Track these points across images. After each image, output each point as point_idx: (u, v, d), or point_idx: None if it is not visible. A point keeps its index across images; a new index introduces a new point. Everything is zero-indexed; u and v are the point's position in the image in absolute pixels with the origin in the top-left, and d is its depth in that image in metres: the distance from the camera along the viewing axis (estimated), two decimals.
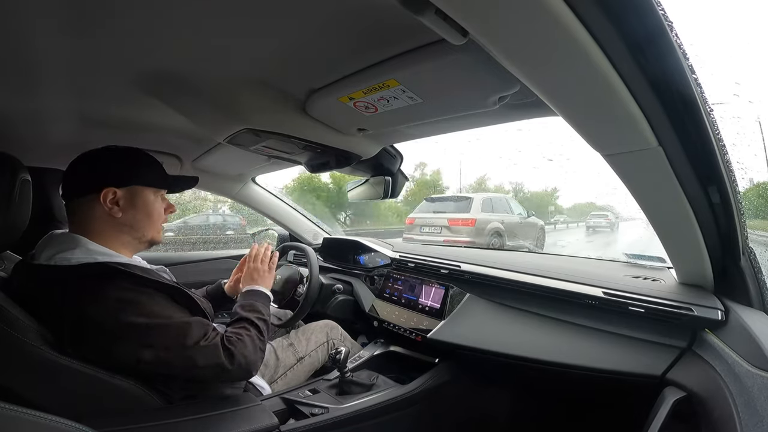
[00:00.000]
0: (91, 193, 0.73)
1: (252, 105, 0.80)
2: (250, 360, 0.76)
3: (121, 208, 0.75)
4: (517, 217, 6.63)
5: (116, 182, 0.74)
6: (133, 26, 0.55)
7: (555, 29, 0.37)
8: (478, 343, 1.02)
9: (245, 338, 0.78)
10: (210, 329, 0.74)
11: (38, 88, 0.77)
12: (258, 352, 0.79)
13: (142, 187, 0.78)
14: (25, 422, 0.47)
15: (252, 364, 0.77)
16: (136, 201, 0.77)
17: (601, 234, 10.86)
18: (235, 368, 0.74)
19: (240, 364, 0.74)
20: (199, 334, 0.71)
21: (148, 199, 0.79)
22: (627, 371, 0.80)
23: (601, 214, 11.87)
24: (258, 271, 1.00)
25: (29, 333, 0.62)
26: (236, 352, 0.74)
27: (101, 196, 0.73)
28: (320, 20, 0.53)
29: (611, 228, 11.34)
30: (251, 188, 1.71)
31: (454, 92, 0.66)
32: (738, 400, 0.57)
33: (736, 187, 0.61)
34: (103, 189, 0.73)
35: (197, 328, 0.72)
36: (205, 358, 0.71)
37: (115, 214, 0.74)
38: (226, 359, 0.72)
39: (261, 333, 0.83)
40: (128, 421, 0.66)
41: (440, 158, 37.44)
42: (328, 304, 1.43)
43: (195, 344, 0.70)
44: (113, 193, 0.74)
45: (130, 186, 0.76)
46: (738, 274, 0.72)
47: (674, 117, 0.49)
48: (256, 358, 0.78)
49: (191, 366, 0.70)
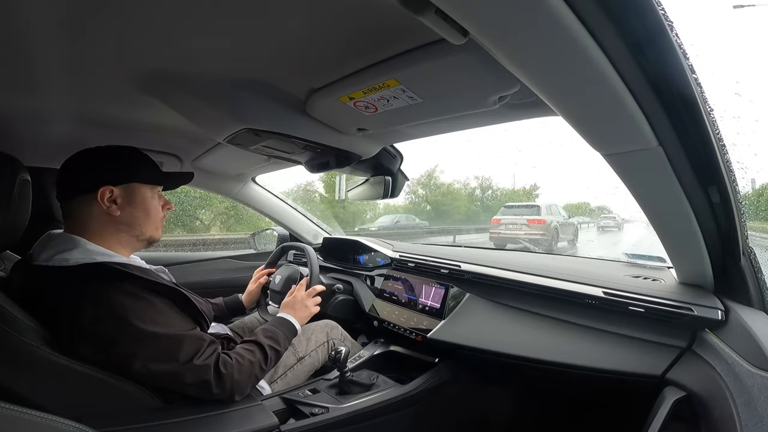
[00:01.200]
0: (88, 192, 0.73)
1: (252, 105, 0.80)
2: (239, 385, 0.75)
3: (119, 206, 0.75)
4: (562, 218, 9.12)
5: (113, 180, 0.74)
6: (133, 26, 0.55)
7: (555, 29, 0.37)
8: (478, 342, 1.02)
9: (245, 362, 0.77)
10: (205, 345, 0.73)
11: (38, 88, 0.77)
12: (252, 379, 0.78)
13: (138, 184, 0.78)
14: (25, 422, 0.47)
15: (239, 390, 0.75)
16: (133, 198, 0.77)
17: (611, 233, 13.11)
18: (219, 391, 0.73)
19: (225, 388, 0.73)
20: (192, 351, 0.70)
21: (146, 197, 0.79)
22: (627, 371, 0.80)
23: (610, 216, 14.20)
24: (303, 304, 1.03)
25: (29, 333, 0.62)
26: (226, 376, 0.73)
27: (98, 194, 0.73)
28: (320, 20, 0.53)
29: (618, 228, 13.54)
30: (251, 188, 1.71)
31: (454, 92, 0.66)
32: (738, 400, 0.57)
33: (736, 187, 0.61)
34: (100, 187, 0.73)
35: (191, 343, 0.71)
36: (193, 377, 0.70)
37: (113, 212, 0.74)
38: (214, 380, 0.71)
39: (266, 362, 0.82)
40: (128, 421, 0.66)
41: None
42: (328, 304, 1.43)
43: (186, 361, 0.69)
44: (110, 192, 0.74)
45: (126, 184, 0.76)
46: (738, 273, 0.72)
47: (674, 117, 0.49)
48: (247, 384, 0.77)
49: (178, 382, 0.70)
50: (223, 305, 1.16)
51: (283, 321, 0.96)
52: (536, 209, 8.66)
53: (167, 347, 0.68)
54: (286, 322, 0.96)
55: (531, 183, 19.73)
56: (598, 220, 14.63)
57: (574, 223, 9.94)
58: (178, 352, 0.69)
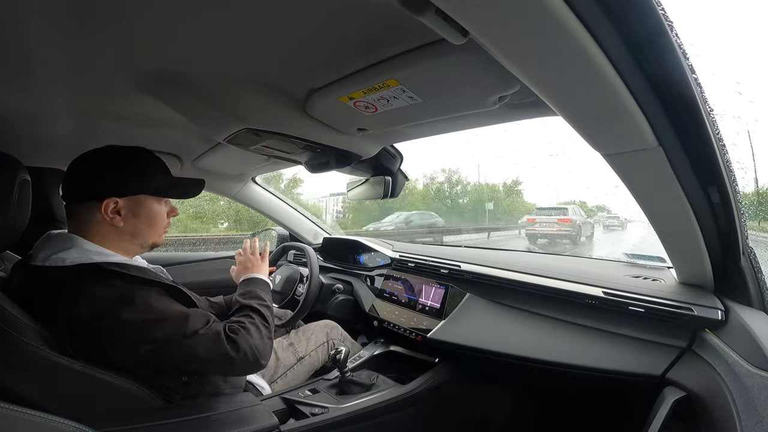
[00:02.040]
0: (92, 200, 0.71)
1: (252, 105, 0.79)
2: (258, 349, 0.73)
3: (122, 217, 0.73)
4: (582, 218, 10.86)
5: (119, 192, 0.72)
6: (133, 26, 0.55)
7: (555, 29, 0.37)
8: (478, 342, 1.02)
9: (249, 326, 0.75)
10: (211, 318, 0.72)
11: (38, 88, 0.77)
12: (265, 340, 0.76)
13: (146, 196, 0.76)
14: (25, 422, 0.47)
15: (261, 353, 0.73)
16: (138, 210, 0.75)
17: (615, 231, 14.60)
18: (241, 357, 0.70)
19: (246, 353, 0.71)
20: (198, 324, 0.69)
21: (152, 208, 0.77)
22: (627, 371, 0.80)
23: (614, 216, 15.66)
24: (250, 261, 1.00)
25: (29, 333, 0.62)
26: (241, 342, 0.71)
27: (102, 206, 0.71)
28: (320, 20, 0.53)
29: (622, 227, 14.94)
30: (251, 188, 1.71)
31: (454, 92, 0.66)
32: (738, 400, 0.57)
33: (736, 187, 0.61)
34: (105, 199, 0.71)
35: (195, 317, 0.70)
36: (206, 349, 0.68)
37: (117, 223, 0.72)
38: (231, 350, 0.69)
39: (265, 319, 0.80)
40: (128, 421, 0.66)
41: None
42: (328, 304, 1.43)
43: (194, 333, 0.68)
44: (115, 203, 0.72)
45: (133, 196, 0.74)
46: (738, 274, 0.72)
47: (674, 117, 0.49)
48: (264, 346, 0.75)
49: (192, 356, 0.68)
50: (223, 303, 1.15)
51: (249, 280, 0.93)
52: (565, 210, 10.65)
53: (172, 326, 0.67)
54: (251, 279, 0.93)
55: (513, 178, 19.47)
56: (604, 220, 16.06)
57: (591, 222, 11.92)
58: (184, 327, 0.67)
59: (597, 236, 12.20)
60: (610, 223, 15.34)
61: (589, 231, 11.25)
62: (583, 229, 10.50)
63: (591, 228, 11.50)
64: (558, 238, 10.10)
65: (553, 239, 10.21)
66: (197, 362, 0.69)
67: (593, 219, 12.26)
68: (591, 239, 11.25)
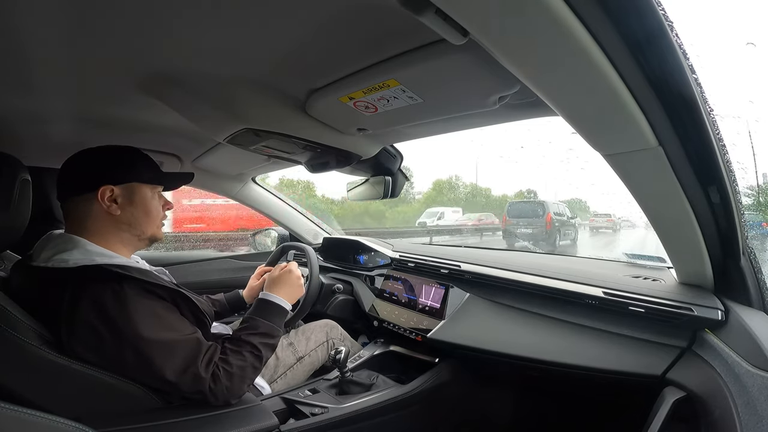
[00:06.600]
0: (88, 191, 0.73)
1: (252, 105, 0.79)
2: (232, 391, 0.74)
3: (119, 205, 0.75)
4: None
5: (113, 180, 0.74)
6: (133, 26, 0.55)
7: (555, 29, 0.37)
8: (478, 342, 1.02)
9: (234, 369, 0.74)
10: (200, 353, 0.71)
11: (38, 88, 0.77)
12: (245, 383, 0.76)
13: (139, 183, 0.78)
14: (25, 422, 0.47)
15: (233, 396, 0.74)
16: (133, 198, 0.77)
17: (605, 234, 13.37)
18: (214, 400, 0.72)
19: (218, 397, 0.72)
20: (183, 363, 0.69)
21: (146, 196, 0.79)
22: (627, 371, 0.80)
23: (604, 215, 14.26)
24: (290, 282, 0.96)
25: (29, 333, 0.62)
26: (219, 386, 0.72)
27: (98, 194, 0.72)
28: (320, 20, 0.53)
29: (613, 229, 13.63)
30: (251, 188, 1.71)
31: (454, 92, 0.66)
32: (738, 400, 0.57)
33: (736, 187, 0.61)
34: (100, 187, 0.73)
35: (184, 352, 0.70)
36: (187, 387, 0.70)
37: (114, 211, 0.74)
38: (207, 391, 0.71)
39: (259, 360, 0.79)
40: (128, 421, 0.66)
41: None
42: (328, 304, 1.43)
43: (178, 373, 0.68)
44: (110, 191, 0.74)
45: (127, 183, 0.76)
46: (738, 274, 0.72)
47: (674, 117, 0.49)
48: (240, 389, 0.76)
49: (172, 390, 0.70)
50: (224, 301, 1.16)
51: (267, 304, 0.89)
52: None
53: (161, 354, 0.67)
54: (273, 305, 0.89)
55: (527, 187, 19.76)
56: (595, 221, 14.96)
57: (575, 223, 11.00)
58: (169, 363, 0.67)
59: (582, 239, 11.28)
60: (598, 225, 13.89)
61: (573, 231, 10.47)
62: (564, 228, 9.83)
63: (574, 228, 10.61)
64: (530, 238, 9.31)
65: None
66: (177, 393, 0.71)
67: (575, 220, 11.01)
68: (575, 242, 10.48)
